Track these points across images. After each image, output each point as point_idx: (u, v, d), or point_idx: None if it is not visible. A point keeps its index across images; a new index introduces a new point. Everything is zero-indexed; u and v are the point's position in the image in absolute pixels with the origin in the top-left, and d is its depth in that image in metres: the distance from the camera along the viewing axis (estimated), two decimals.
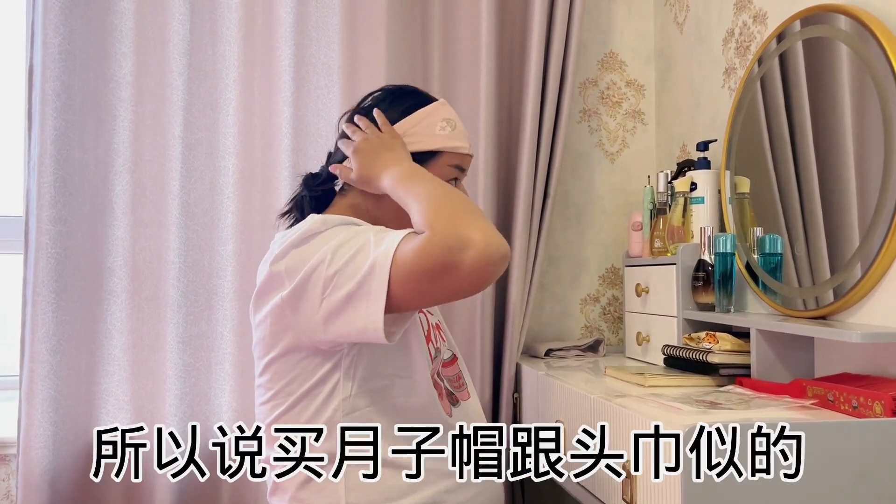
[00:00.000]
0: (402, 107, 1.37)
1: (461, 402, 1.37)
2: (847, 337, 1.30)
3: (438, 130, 1.35)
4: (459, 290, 1.10)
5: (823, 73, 1.55)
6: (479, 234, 1.07)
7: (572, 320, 2.40)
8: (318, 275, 1.14)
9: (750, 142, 1.77)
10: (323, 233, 1.19)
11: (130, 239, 2.05)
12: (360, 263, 1.12)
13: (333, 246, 1.15)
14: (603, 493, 1.45)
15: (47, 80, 1.98)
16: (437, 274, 1.07)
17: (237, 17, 2.11)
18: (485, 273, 1.07)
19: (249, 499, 2.05)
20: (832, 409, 1.28)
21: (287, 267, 1.18)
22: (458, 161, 1.37)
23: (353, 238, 1.16)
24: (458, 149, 1.37)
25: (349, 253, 1.14)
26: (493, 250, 1.07)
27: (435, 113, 1.37)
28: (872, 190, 1.38)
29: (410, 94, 1.41)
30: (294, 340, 1.21)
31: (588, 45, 2.42)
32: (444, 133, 1.35)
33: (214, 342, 2.08)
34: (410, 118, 1.36)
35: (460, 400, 1.38)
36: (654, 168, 2.40)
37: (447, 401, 1.33)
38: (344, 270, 1.13)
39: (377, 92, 1.42)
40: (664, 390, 1.52)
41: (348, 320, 1.13)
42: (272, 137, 2.11)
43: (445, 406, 1.31)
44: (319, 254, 1.15)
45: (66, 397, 1.98)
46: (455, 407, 1.35)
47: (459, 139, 1.37)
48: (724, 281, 1.71)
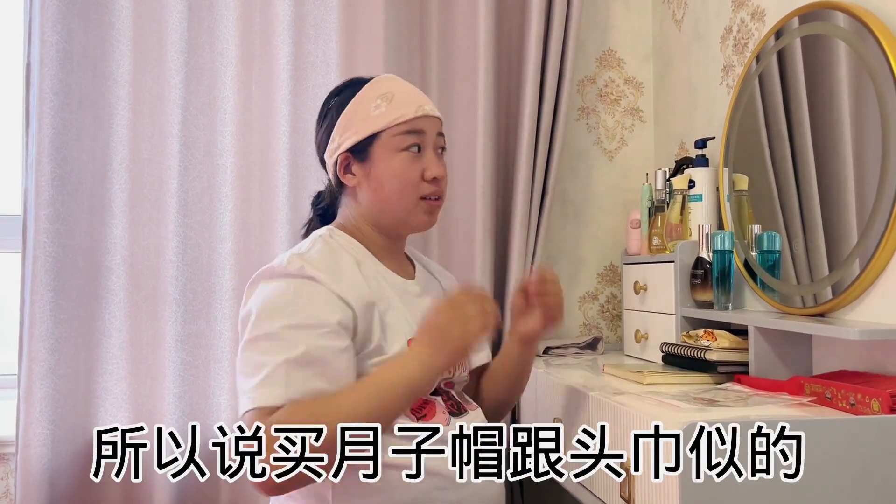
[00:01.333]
0: (333, 110, 1.39)
1: (469, 412, 1.38)
2: (845, 334, 1.30)
3: (373, 111, 1.33)
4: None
5: (821, 70, 1.55)
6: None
7: (571, 318, 2.40)
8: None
9: (748, 139, 1.77)
10: (275, 282, 1.26)
11: (128, 237, 2.05)
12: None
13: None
14: (602, 492, 1.45)
15: (45, 78, 1.97)
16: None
17: (235, 16, 2.11)
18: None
19: (249, 499, 2.05)
20: (830, 407, 1.29)
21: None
22: (403, 129, 1.32)
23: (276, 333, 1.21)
24: (398, 119, 1.32)
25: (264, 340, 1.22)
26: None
27: (366, 96, 1.35)
28: (870, 187, 1.39)
29: (346, 88, 1.40)
30: None
31: (586, 43, 2.41)
32: (378, 112, 1.33)
33: (213, 340, 2.08)
34: (344, 115, 1.36)
35: (468, 409, 1.38)
36: (652, 166, 2.40)
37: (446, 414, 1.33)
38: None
39: (331, 97, 1.43)
40: (662, 388, 1.52)
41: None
42: (270, 135, 2.11)
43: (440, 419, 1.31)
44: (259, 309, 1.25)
45: (65, 396, 1.98)
46: (459, 416, 1.35)
47: (399, 108, 1.33)
48: (722, 278, 1.71)
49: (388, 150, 1.33)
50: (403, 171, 1.33)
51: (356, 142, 1.34)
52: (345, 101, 1.38)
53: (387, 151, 1.33)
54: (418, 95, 1.38)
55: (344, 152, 1.36)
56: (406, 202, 1.34)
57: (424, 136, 1.35)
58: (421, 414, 1.30)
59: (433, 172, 1.34)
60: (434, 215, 1.38)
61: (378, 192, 1.35)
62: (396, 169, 1.33)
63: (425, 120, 1.35)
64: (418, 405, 1.31)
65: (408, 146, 1.33)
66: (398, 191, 1.33)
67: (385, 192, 1.34)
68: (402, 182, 1.33)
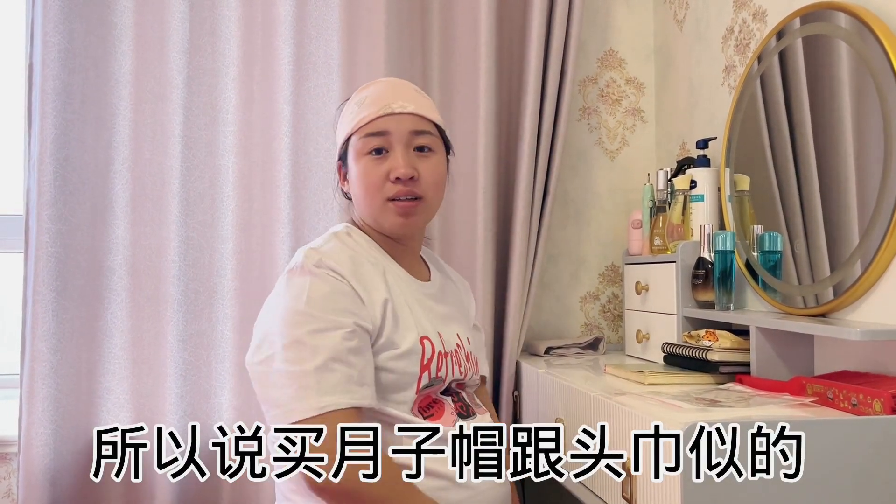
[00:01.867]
0: (337, 114, 1.43)
1: (476, 415, 1.38)
2: (846, 335, 1.30)
3: (347, 117, 1.36)
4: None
5: (823, 70, 1.55)
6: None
7: (572, 318, 2.40)
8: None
9: (749, 139, 1.77)
10: (295, 280, 1.26)
11: (130, 237, 2.05)
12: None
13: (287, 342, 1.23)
14: (603, 492, 1.45)
15: (47, 78, 1.98)
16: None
17: (237, 16, 2.11)
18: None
19: (250, 499, 2.05)
20: (832, 407, 1.29)
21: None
22: (366, 132, 1.31)
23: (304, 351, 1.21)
24: (361, 122, 1.31)
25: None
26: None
27: (349, 103, 1.38)
28: (872, 187, 1.38)
29: (346, 102, 1.43)
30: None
31: (587, 43, 2.41)
32: (350, 117, 1.35)
33: (214, 340, 2.08)
34: (338, 123, 1.40)
35: (476, 413, 1.39)
36: (653, 166, 2.40)
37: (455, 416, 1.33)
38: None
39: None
40: (664, 388, 1.52)
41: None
42: (272, 136, 2.11)
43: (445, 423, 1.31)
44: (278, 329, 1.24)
45: (67, 396, 1.98)
46: (467, 419, 1.35)
47: (364, 110, 1.32)
48: (723, 279, 1.71)
49: (355, 155, 1.34)
50: (365, 174, 1.32)
51: (339, 148, 1.39)
52: (341, 108, 1.42)
53: (355, 156, 1.34)
54: (391, 95, 1.34)
55: (338, 160, 1.41)
56: (373, 205, 1.34)
57: (390, 136, 1.32)
58: (429, 413, 1.31)
59: (396, 172, 1.30)
60: (411, 217, 1.34)
61: (355, 197, 1.37)
62: (360, 172, 1.33)
63: (391, 119, 1.32)
64: (426, 404, 1.32)
65: (371, 149, 1.32)
66: (364, 194, 1.34)
67: (358, 196, 1.36)
68: (365, 185, 1.33)
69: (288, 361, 1.20)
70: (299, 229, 2.08)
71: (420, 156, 1.34)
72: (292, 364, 1.20)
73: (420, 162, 1.33)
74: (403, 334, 1.29)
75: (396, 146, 1.32)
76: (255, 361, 1.26)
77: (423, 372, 1.30)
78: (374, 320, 1.26)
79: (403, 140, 1.32)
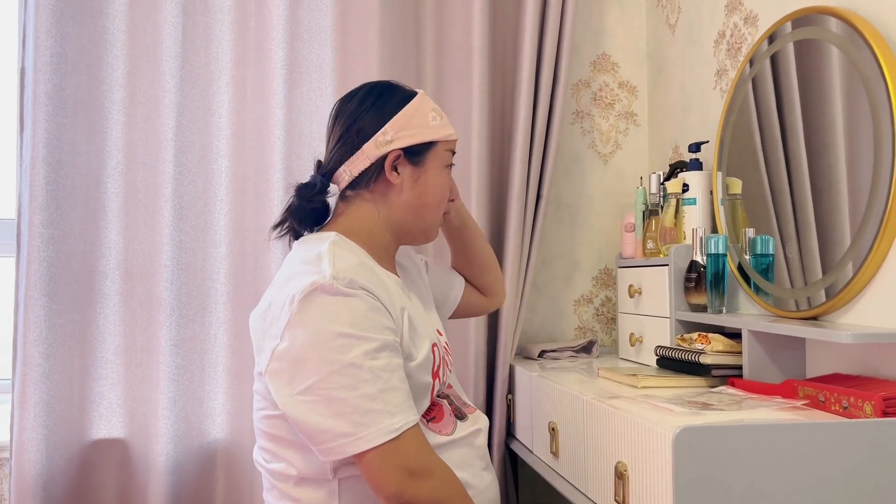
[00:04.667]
0: (390, 104, 1.37)
1: (468, 416, 1.38)
2: (838, 337, 1.30)
3: (431, 121, 1.38)
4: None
5: (814, 74, 1.55)
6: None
7: (565, 321, 2.41)
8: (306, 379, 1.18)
9: (742, 143, 1.78)
10: (327, 301, 1.19)
11: (123, 242, 2.05)
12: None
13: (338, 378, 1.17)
14: (596, 494, 1.45)
15: (39, 82, 1.97)
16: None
17: (230, 20, 2.11)
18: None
19: (244, 499, 2.05)
20: (823, 410, 1.29)
21: (286, 349, 1.21)
22: (451, 146, 1.41)
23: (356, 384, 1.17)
24: (450, 136, 1.41)
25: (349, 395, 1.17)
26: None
27: (423, 105, 1.39)
28: (863, 190, 1.39)
29: (393, 90, 1.40)
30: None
31: (580, 47, 2.42)
32: (435, 123, 1.38)
33: (207, 345, 2.07)
34: (402, 114, 1.36)
35: (467, 414, 1.39)
36: (646, 169, 2.41)
37: (453, 417, 1.34)
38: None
39: (358, 91, 1.40)
40: (657, 391, 1.53)
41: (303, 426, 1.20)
42: (265, 139, 2.11)
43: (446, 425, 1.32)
44: (317, 366, 1.18)
45: (59, 401, 1.97)
46: (463, 421, 1.35)
47: (448, 126, 1.41)
48: (716, 282, 1.72)
49: (439, 162, 1.38)
50: (445, 186, 1.40)
51: (414, 143, 1.35)
52: (405, 99, 1.37)
53: (438, 163, 1.38)
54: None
55: (397, 149, 1.34)
56: (437, 215, 1.41)
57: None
58: (431, 415, 1.31)
59: (456, 194, 1.47)
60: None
61: (420, 198, 1.36)
62: (443, 182, 1.39)
63: (456, 143, 1.44)
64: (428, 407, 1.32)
65: (450, 164, 1.41)
66: (437, 203, 1.39)
67: (426, 200, 1.37)
68: (441, 196, 1.40)
69: (345, 388, 1.16)
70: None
71: None
72: (350, 390, 1.16)
73: None
74: (419, 344, 1.29)
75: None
76: (296, 392, 1.18)
77: (434, 379, 1.31)
78: (401, 333, 1.25)
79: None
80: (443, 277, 1.61)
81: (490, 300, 1.70)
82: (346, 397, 1.15)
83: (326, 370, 1.16)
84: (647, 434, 1.20)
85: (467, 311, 1.67)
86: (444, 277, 1.61)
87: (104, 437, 2.02)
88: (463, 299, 1.63)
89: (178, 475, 2.00)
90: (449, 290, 1.60)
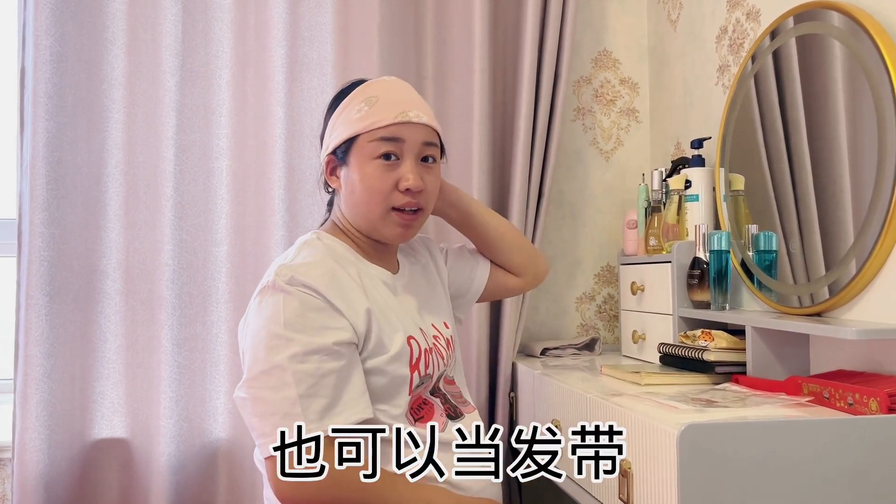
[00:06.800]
0: (331, 108, 1.38)
1: (465, 415, 1.37)
2: (842, 334, 1.30)
3: (354, 115, 1.31)
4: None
5: (817, 69, 1.55)
6: None
7: (568, 319, 2.40)
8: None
9: (744, 139, 1.77)
10: (269, 299, 1.22)
11: (124, 241, 2.04)
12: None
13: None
14: (600, 493, 1.45)
15: (39, 82, 1.97)
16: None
17: (230, 18, 2.10)
18: None
19: (245, 498, 2.05)
20: (828, 406, 1.28)
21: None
22: (379, 136, 1.28)
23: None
24: (374, 124, 1.28)
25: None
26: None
27: (353, 99, 1.33)
28: (867, 186, 1.38)
29: (342, 93, 1.38)
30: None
31: (582, 44, 2.41)
32: (359, 115, 1.30)
33: (209, 344, 2.07)
34: (335, 115, 1.35)
35: (464, 413, 1.38)
36: (648, 166, 2.40)
37: (444, 417, 1.33)
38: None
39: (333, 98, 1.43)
40: (660, 389, 1.52)
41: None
42: (265, 138, 2.10)
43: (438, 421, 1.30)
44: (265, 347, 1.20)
45: (61, 400, 1.97)
46: (456, 420, 1.35)
47: (378, 113, 1.29)
48: (719, 278, 1.71)
49: (362, 156, 1.30)
50: (374, 179, 1.29)
51: (337, 144, 1.33)
52: (337, 102, 1.37)
53: (361, 157, 1.30)
54: (405, 101, 1.32)
55: (329, 154, 1.35)
56: (375, 212, 1.31)
57: (403, 144, 1.30)
58: (420, 414, 1.30)
59: (407, 183, 1.29)
60: (410, 228, 1.34)
61: (350, 198, 1.33)
62: (367, 176, 1.29)
63: (406, 127, 1.30)
64: (417, 405, 1.31)
65: (381, 154, 1.29)
66: (366, 199, 1.30)
67: (356, 199, 1.32)
68: (370, 190, 1.29)
69: (270, 389, 1.17)
70: (293, 231, 2.08)
71: (425, 166, 1.33)
72: (274, 391, 1.17)
73: (426, 173, 1.32)
74: (391, 336, 1.27)
75: (408, 155, 1.30)
76: (237, 388, 1.22)
77: (412, 372, 1.29)
78: (357, 328, 1.23)
79: (415, 150, 1.31)
80: (464, 265, 1.56)
81: (525, 280, 1.59)
82: (269, 398, 1.17)
83: (258, 369, 1.19)
84: (652, 432, 1.19)
85: (500, 292, 1.61)
86: (465, 265, 1.56)
87: (106, 437, 2.02)
88: (491, 282, 1.56)
89: (180, 474, 2.00)
90: (472, 278, 1.55)
